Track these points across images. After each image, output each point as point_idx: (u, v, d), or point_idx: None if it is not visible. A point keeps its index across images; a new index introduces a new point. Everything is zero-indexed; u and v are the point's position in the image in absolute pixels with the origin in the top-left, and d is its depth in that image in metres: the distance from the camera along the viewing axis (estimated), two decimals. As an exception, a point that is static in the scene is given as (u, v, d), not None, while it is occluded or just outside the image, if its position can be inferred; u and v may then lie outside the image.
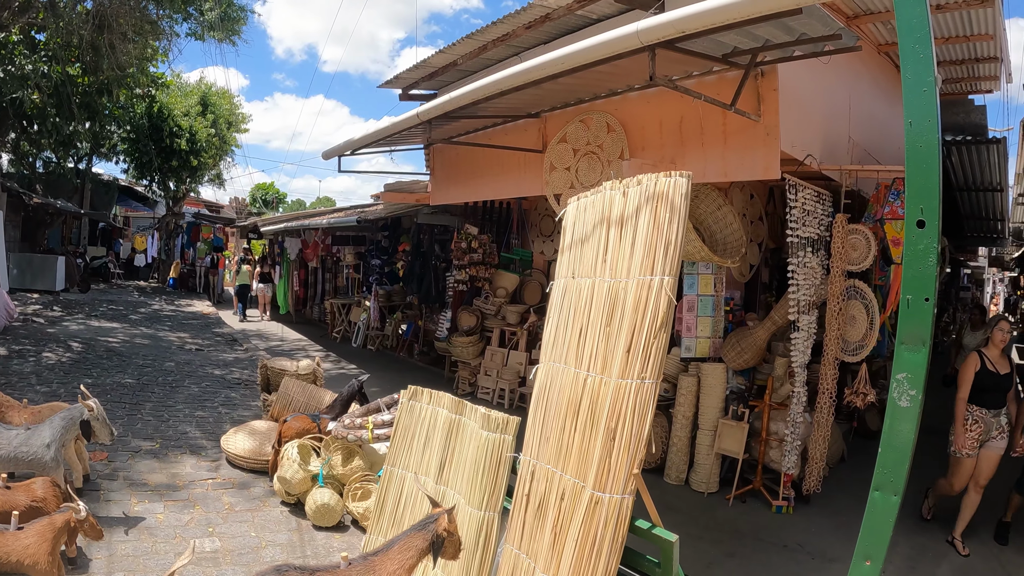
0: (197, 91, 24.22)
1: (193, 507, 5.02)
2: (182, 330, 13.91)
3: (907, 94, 2.22)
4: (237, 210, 35.43)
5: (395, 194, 11.18)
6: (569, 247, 3.54)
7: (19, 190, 16.89)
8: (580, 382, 3.00)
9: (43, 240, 19.54)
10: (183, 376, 9.41)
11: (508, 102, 6.75)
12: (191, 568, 4.08)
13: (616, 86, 6.02)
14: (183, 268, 23.61)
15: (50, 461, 4.27)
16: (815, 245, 5.51)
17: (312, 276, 17.61)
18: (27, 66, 13.04)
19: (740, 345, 6.11)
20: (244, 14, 14.18)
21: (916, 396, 2.31)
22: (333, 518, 4.83)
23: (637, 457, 2.65)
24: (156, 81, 19.36)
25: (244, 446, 5.92)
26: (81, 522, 3.58)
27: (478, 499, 3.42)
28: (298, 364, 7.80)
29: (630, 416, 2.68)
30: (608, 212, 3.22)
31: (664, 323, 2.73)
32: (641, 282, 2.84)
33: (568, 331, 3.24)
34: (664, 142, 5.74)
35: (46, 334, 11.32)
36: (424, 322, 12.21)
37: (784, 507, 5.67)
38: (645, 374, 2.70)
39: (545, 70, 4.45)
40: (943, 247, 11.35)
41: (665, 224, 2.84)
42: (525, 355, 8.97)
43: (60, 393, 7.70)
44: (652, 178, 2.97)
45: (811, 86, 5.52)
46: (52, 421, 4.45)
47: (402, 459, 4.18)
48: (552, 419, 3.13)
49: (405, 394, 4.36)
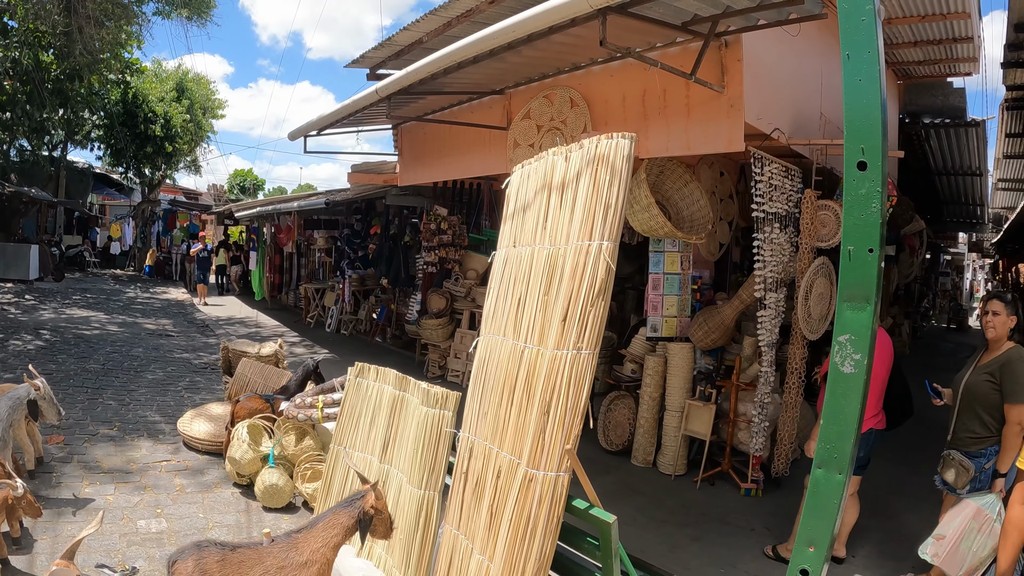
0: (173, 77, 23.86)
1: (144, 489, 4.93)
2: (154, 317, 13.73)
3: (844, 24, 2.05)
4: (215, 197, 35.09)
5: (363, 175, 10.99)
6: (511, 216, 3.40)
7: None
8: (517, 354, 2.87)
9: (18, 229, 19.19)
10: (149, 361, 9.24)
11: (471, 77, 6.59)
12: (134, 549, 4.02)
13: (579, 59, 5.88)
14: (159, 256, 23.32)
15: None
16: (783, 221, 5.40)
17: (287, 262, 17.39)
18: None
19: (708, 324, 6.00)
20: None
21: (861, 361, 2.13)
22: (282, 499, 4.70)
23: (572, 432, 2.51)
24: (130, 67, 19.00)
25: (201, 429, 5.80)
26: (19, 499, 3.54)
27: (418, 477, 3.29)
28: (260, 346, 7.66)
29: (565, 388, 2.54)
30: (550, 178, 3.08)
31: (602, 290, 2.59)
32: (579, 248, 2.70)
33: (508, 302, 3.10)
34: (627, 116, 5.60)
35: (16, 322, 11.11)
36: (397, 306, 12.05)
37: (753, 490, 5.58)
38: (581, 344, 2.56)
39: (497, 39, 4.30)
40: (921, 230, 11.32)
41: (605, 187, 2.69)
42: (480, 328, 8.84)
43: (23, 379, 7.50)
44: (594, 141, 2.83)
45: (780, 59, 5.39)
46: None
47: (348, 438, 4.05)
48: (490, 394, 2.99)
49: (352, 371, 4.22)
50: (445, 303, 9.52)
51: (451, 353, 9.22)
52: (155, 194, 26.05)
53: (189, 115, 23.59)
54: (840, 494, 2.22)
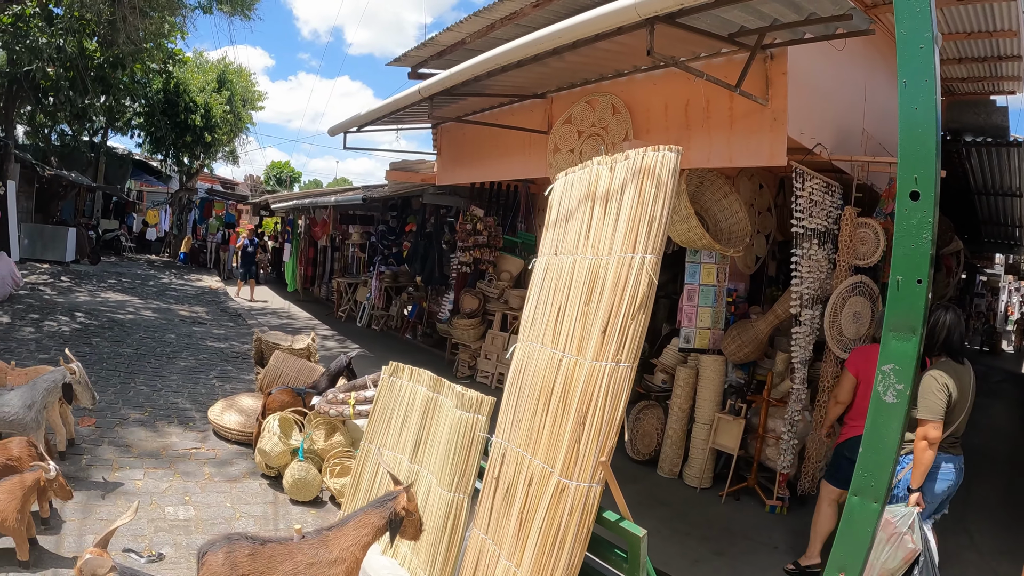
0: (215, 68, 24.22)
1: (173, 476, 4.99)
2: (188, 304, 13.92)
3: (902, 51, 2.03)
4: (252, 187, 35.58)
5: (401, 173, 11.05)
6: (554, 224, 3.40)
7: (33, 162, 16.92)
8: (555, 363, 2.87)
9: (56, 212, 19.63)
10: (182, 348, 9.39)
11: (513, 80, 6.60)
12: (161, 535, 4.07)
13: (622, 67, 5.86)
14: (194, 243, 23.66)
15: (31, 422, 4.29)
16: (822, 237, 5.33)
17: (321, 255, 17.53)
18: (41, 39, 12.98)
19: (741, 338, 5.94)
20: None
21: (904, 391, 2.11)
22: (310, 493, 4.75)
23: (607, 445, 2.50)
24: (173, 57, 19.31)
25: (231, 418, 5.87)
26: (50, 482, 3.59)
27: (448, 480, 3.30)
28: (293, 339, 7.74)
29: (602, 401, 2.54)
30: (594, 187, 3.07)
31: (643, 304, 2.58)
32: (622, 260, 2.70)
33: (547, 310, 3.10)
34: (669, 125, 5.57)
35: (51, 303, 11.36)
36: (429, 304, 12.10)
37: (778, 507, 5.51)
38: (620, 357, 2.56)
39: (543, 44, 4.30)
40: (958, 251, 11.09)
41: (650, 200, 2.68)
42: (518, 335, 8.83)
43: (57, 360, 7.66)
44: (640, 152, 2.82)
45: (825, 74, 5.33)
46: (35, 383, 4.45)
47: (379, 436, 4.08)
48: (525, 401, 2.99)
49: (386, 370, 4.25)
50: (478, 304, 9.55)
51: (481, 354, 9.23)
52: (192, 182, 26.50)
53: (229, 106, 23.90)
54: (874, 523, 2.20)
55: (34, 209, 18.48)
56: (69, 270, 15.94)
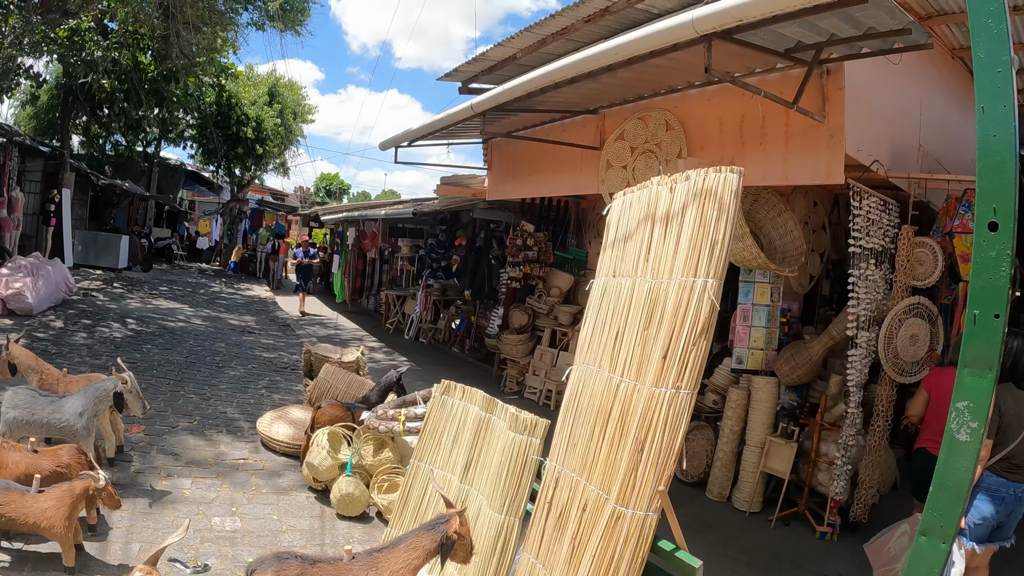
0: (266, 82, 24.77)
1: (221, 486, 5.03)
2: (237, 313, 14.15)
3: (979, 76, 1.94)
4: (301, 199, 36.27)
5: (451, 187, 11.11)
6: (612, 244, 3.35)
7: (87, 170, 17.48)
8: (612, 388, 2.82)
9: (110, 219, 20.24)
10: (231, 357, 9.54)
11: (565, 96, 6.58)
12: (207, 546, 4.09)
13: (676, 82, 5.80)
14: (244, 253, 24.12)
15: (81, 429, 4.33)
16: (879, 257, 5.17)
17: (370, 267, 17.71)
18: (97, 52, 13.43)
19: (794, 359, 5.79)
20: (305, 4, 14.33)
21: (977, 429, 2.01)
22: (357, 508, 4.75)
23: (665, 473, 2.45)
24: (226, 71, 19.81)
25: (280, 430, 5.92)
26: (99, 490, 3.61)
27: (500, 502, 3.27)
28: (342, 352, 7.79)
29: (661, 428, 2.48)
30: (653, 208, 3.02)
31: (705, 329, 2.52)
32: (683, 284, 2.64)
33: (605, 333, 3.06)
34: (724, 142, 5.49)
35: (104, 309, 11.67)
36: (477, 318, 12.10)
37: (828, 534, 5.33)
38: (681, 383, 2.50)
39: (598, 60, 4.28)
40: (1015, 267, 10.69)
41: (712, 223, 2.63)
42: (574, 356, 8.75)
43: (109, 367, 7.87)
44: (701, 173, 2.77)
45: (880, 88, 5.19)
46: (86, 391, 4.52)
47: (429, 454, 4.07)
48: (581, 425, 2.95)
49: (438, 388, 4.24)
50: (527, 319, 9.51)
51: (530, 370, 9.17)
52: (243, 193, 27.08)
53: (280, 119, 24.41)
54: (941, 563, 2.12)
55: (88, 217, 19.09)
56: (121, 276, 16.40)
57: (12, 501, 3.39)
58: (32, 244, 14.37)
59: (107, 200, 20.56)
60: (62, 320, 10.10)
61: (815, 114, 4.58)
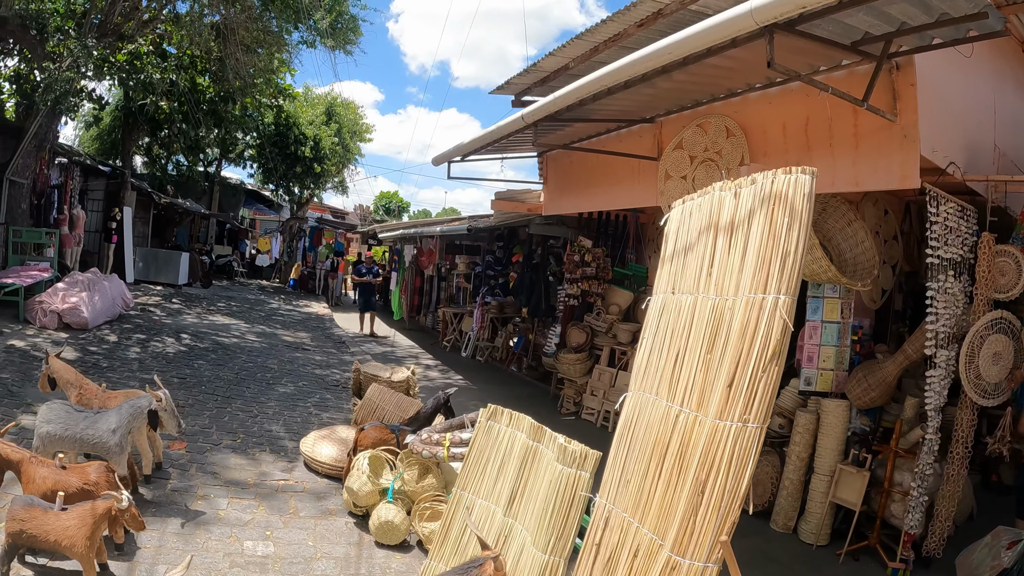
0: (323, 102, 25.19)
1: (257, 508, 4.89)
2: (293, 329, 14.20)
3: None
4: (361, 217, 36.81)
5: (506, 203, 10.92)
6: (671, 258, 3.06)
7: (148, 190, 17.98)
8: (671, 419, 2.52)
9: (172, 237, 20.79)
10: (282, 374, 9.50)
11: (620, 104, 6.32)
12: (236, 571, 3.97)
13: (735, 85, 5.48)
14: (304, 270, 24.46)
15: (114, 446, 4.27)
16: (958, 268, 4.71)
17: (428, 284, 17.69)
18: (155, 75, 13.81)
19: (867, 380, 5.34)
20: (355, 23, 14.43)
21: None
22: (396, 536, 4.53)
23: (728, 519, 2.13)
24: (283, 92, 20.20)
25: (323, 451, 5.76)
26: (122, 511, 3.53)
27: (544, 540, 2.98)
28: (392, 370, 7.62)
29: (725, 467, 2.17)
30: (716, 217, 2.73)
31: (776, 354, 2.21)
32: (751, 301, 2.34)
33: (663, 357, 2.76)
34: (788, 147, 5.13)
35: (159, 324, 11.83)
36: (534, 336, 11.82)
37: (901, 570, 4.83)
38: (748, 416, 2.19)
39: (652, 61, 3.99)
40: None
41: (783, 231, 2.32)
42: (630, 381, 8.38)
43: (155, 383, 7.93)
44: (769, 175, 2.46)
45: (953, 84, 4.76)
46: (121, 408, 4.47)
47: (473, 483, 3.82)
48: (635, 460, 2.65)
49: (484, 413, 4.00)
50: (585, 338, 9.18)
51: (587, 390, 8.83)
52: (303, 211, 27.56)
53: (337, 138, 24.76)
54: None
55: (151, 235, 19.63)
56: (180, 293, 16.71)
57: (35, 518, 3.37)
58: (94, 261, 14.77)
59: (169, 218, 21.15)
60: (116, 334, 10.25)
61: (886, 113, 4.21)
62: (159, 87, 13.89)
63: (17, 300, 9.85)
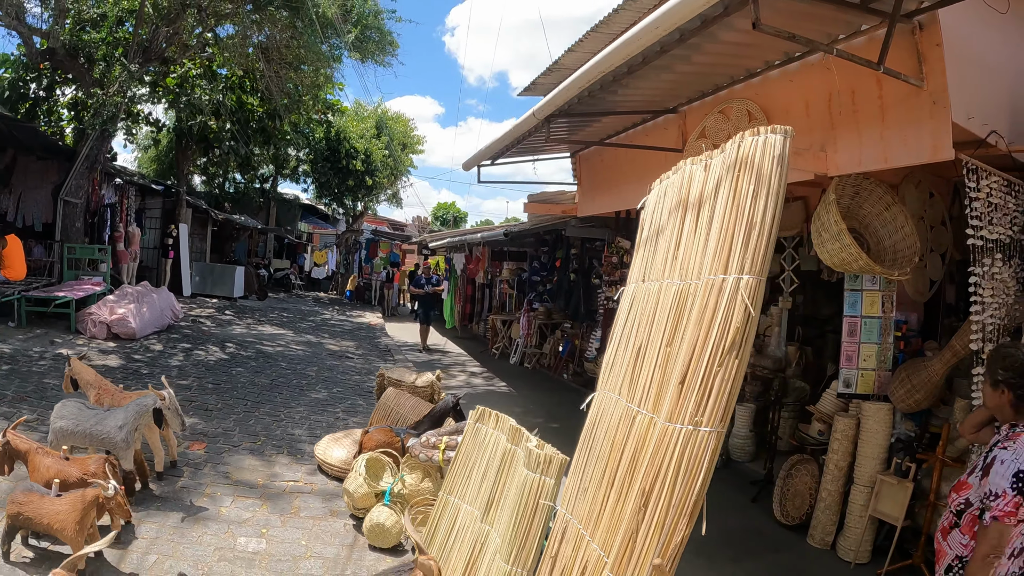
0: (373, 115, 25.57)
1: (260, 506, 4.88)
2: (340, 338, 14.27)
3: None
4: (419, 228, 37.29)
5: (540, 205, 10.73)
6: (644, 243, 2.78)
7: (204, 206, 18.52)
8: (629, 420, 2.23)
9: (230, 252, 21.38)
10: (319, 381, 9.49)
11: (642, 94, 6.06)
12: (223, 565, 3.99)
13: (753, 64, 5.14)
14: (360, 282, 24.80)
15: (120, 442, 4.46)
16: (1006, 251, 4.19)
17: (479, 292, 17.65)
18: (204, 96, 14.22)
19: (911, 381, 4.86)
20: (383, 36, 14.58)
21: None
22: (388, 540, 4.36)
23: (673, 539, 1.80)
24: (332, 107, 20.54)
25: (335, 453, 5.68)
26: (108, 499, 3.68)
27: (507, 551, 2.73)
28: (417, 375, 7.48)
29: (672, 477, 1.86)
30: (686, 193, 2.44)
31: (736, 344, 1.89)
32: (710, 284, 2.04)
33: (627, 352, 2.47)
34: (812, 125, 4.73)
35: (206, 334, 12.05)
36: (581, 341, 11.56)
37: (944, 592, 4.34)
38: (700, 418, 1.87)
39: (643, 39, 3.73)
40: None
41: (747, 200, 2.01)
42: None
43: (194, 387, 8.09)
44: (736, 140, 2.17)
45: (987, 43, 4.23)
46: (128, 407, 4.64)
47: (460, 488, 3.62)
48: (593, 466, 2.37)
49: (472, 415, 3.79)
50: (626, 341, 8.85)
51: (628, 396, 8.48)
52: (358, 224, 28.01)
53: (388, 151, 25.08)
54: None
55: (210, 250, 20.23)
56: (235, 305, 17.08)
57: (31, 502, 3.60)
58: (153, 276, 15.30)
59: (227, 234, 21.76)
60: (162, 344, 10.48)
61: (911, 78, 3.79)
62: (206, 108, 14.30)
63: (69, 312, 10.20)
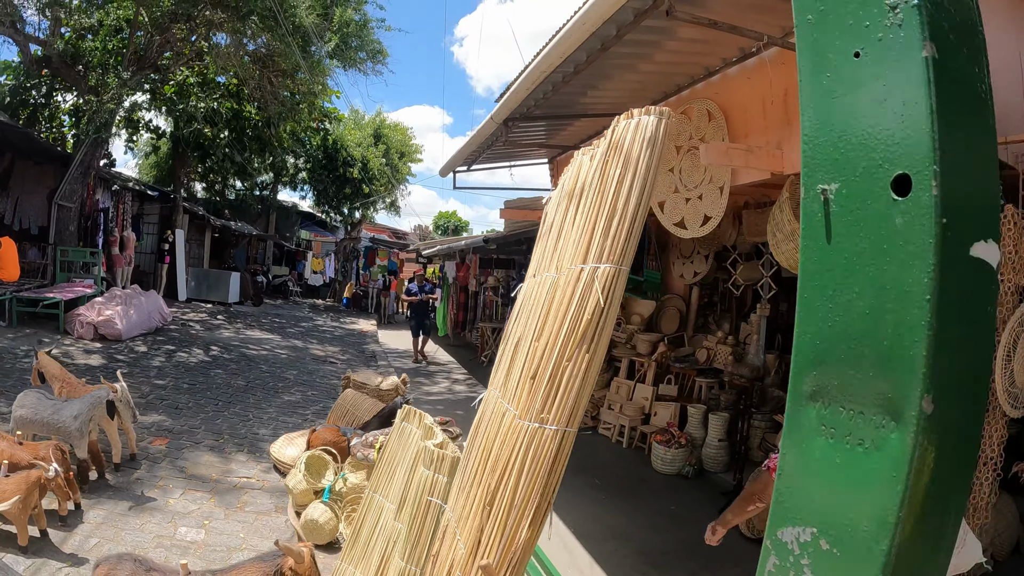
0: (371, 124, 25.67)
1: (208, 500, 4.98)
2: (326, 344, 14.27)
3: None
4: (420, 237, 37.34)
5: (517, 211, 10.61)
6: (540, 238, 2.72)
7: (202, 213, 18.60)
8: (499, 417, 2.17)
9: (229, 258, 21.43)
10: (296, 384, 9.50)
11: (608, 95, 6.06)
12: (159, 552, 4.09)
13: (711, 62, 5.11)
14: (357, 289, 24.83)
15: (75, 431, 4.69)
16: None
17: (472, 300, 17.54)
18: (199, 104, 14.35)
19: None
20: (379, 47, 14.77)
21: None
22: (322, 536, 4.34)
23: (513, 543, 1.72)
24: (329, 115, 20.60)
25: (288, 452, 5.71)
26: (49, 480, 3.87)
27: (403, 548, 2.69)
28: (382, 379, 7.45)
29: (515, 476, 1.79)
30: (572, 184, 2.38)
31: (587, 337, 1.81)
32: (570, 274, 1.98)
33: (507, 347, 2.42)
34: (768, 124, 4.69)
35: (194, 337, 12.07)
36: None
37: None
38: (547, 415, 1.80)
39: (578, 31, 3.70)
40: None
41: (612, 186, 1.95)
42: (652, 389, 7.84)
43: (169, 386, 8.18)
44: (611, 126, 2.11)
45: None
46: (84, 398, 4.87)
47: (384, 486, 3.55)
48: (473, 463, 2.30)
49: (400, 414, 3.73)
50: (603, 350, 8.75)
51: (605, 403, 8.37)
52: (357, 232, 28.05)
53: (385, 159, 25.13)
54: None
55: (208, 256, 20.28)
56: (229, 311, 17.08)
57: None
58: (149, 280, 15.37)
59: (226, 240, 21.82)
60: (147, 345, 10.52)
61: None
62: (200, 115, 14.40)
63: (58, 313, 10.36)
